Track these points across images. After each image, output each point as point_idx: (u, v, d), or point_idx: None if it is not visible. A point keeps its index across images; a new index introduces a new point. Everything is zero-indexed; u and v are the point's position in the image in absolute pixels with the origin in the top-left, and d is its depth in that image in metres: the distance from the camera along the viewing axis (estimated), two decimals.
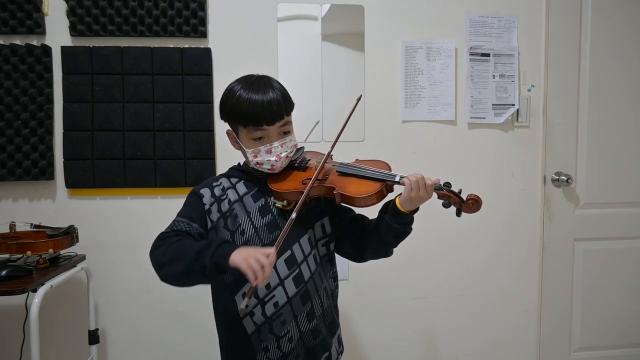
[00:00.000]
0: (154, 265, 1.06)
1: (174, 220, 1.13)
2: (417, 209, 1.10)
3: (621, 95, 2.11)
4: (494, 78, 2.03)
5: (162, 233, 1.10)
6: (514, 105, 2.05)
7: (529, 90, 2.07)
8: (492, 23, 2.02)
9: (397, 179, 1.08)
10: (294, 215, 1.04)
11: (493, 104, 2.04)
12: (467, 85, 2.02)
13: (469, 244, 2.07)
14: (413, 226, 1.14)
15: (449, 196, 1.08)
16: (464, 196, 1.08)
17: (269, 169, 1.16)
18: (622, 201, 2.15)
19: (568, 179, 2.04)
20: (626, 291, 2.18)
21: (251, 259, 0.93)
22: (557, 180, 2.07)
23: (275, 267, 1.12)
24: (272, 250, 0.96)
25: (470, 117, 2.03)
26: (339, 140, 1.18)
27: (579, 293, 2.15)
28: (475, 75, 2.02)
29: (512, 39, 2.03)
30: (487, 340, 2.11)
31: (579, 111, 2.09)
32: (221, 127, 1.25)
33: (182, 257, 1.01)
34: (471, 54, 2.01)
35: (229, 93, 1.14)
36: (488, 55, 2.02)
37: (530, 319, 2.14)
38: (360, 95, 1.24)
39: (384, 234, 1.12)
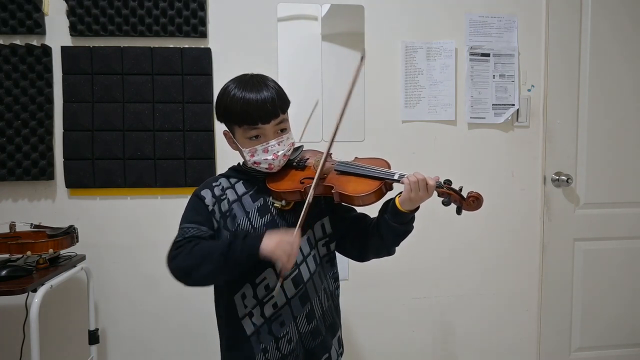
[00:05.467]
0: (177, 273, 1.05)
1: (181, 228, 1.12)
2: (417, 208, 1.08)
3: (621, 95, 2.11)
4: (494, 78, 2.03)
5: (176, 242, 1.09)
6: (514, 105, 2.04)
7: (529, 90, 2.06)
8: (492, 23, 2.01)
9: (396, 177, 1.06)
10: (310, 199, 1.06)
11: (493, 104, 2.03)
12: (467, 85, 2.01)
13: (469, 244, 2.07)
14: (414, 224, 1.12)
15: (449, 194, 1.05)
16: (464, 194, 1.06)
17: (266, 168, 1.15)
18: (622, 201, 2.15)
19: (568, 179, 2.04)
20: (626, 291, 2.18)
21: (279, 250, 0.99)
22: (557, 180, 2.07)
23: (274, 268, 1.12)
24: (295, 239, 1.02)
25: (470, 117, 2.03)
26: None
27: (579, 293, 2.15)
28: (475, 75, 2.02)
29: (512, 39, 2.03)
30: (487, 340, 2.11)
31: (579, 111, 2.09)
32: (221, 127, 1.24)
33: (209, 257, 1.03)
34: (471, 54, 2.01)
35: (223, 93, 1.14)
36: (488, 55, 2.02)
37: (530, 319, 2.14)
38: (362, 56, 1.19)
39: (385, 234, 1.11)
